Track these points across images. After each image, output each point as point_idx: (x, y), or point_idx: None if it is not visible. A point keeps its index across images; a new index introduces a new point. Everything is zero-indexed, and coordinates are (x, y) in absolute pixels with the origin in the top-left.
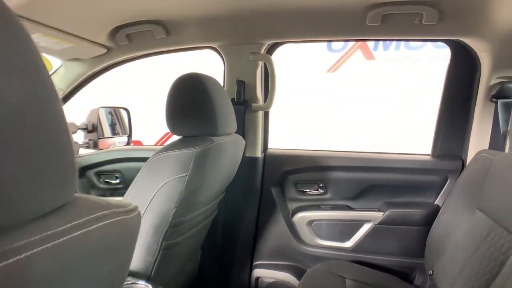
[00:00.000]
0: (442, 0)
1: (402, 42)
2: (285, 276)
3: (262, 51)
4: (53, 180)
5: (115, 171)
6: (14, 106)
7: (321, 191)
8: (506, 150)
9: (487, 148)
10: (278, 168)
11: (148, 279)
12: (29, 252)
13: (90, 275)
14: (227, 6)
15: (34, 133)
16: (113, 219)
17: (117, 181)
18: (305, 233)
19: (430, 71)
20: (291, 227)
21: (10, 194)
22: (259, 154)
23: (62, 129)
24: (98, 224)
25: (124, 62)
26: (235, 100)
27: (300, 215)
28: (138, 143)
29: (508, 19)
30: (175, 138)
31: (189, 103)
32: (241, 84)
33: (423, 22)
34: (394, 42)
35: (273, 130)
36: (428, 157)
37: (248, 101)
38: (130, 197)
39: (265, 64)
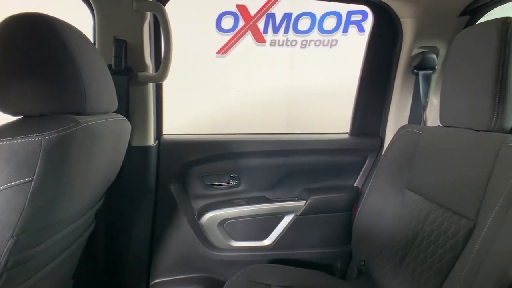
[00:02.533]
0: None
1: (291, 26)
2: None
3: None
4: None
5: None
6: None
7: (234, 183)
8: (428, 124)
9: (406, 123)
10: (178, 159)
11: None
12: None
13: None
14: None
15: None
16: None
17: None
18: (216, 236)
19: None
20: (198, 231)
21: None
22: (151, 142)
23: None
24: None
25: None
26: (112, 67)
27: (209, 215)
28: None
29: None
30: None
31: (32, 59)
32: (121, 45)
33: None
34: (283, 26)
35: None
36: (347, 136)
37: (133, 69)
38: None
39: (155, 17)
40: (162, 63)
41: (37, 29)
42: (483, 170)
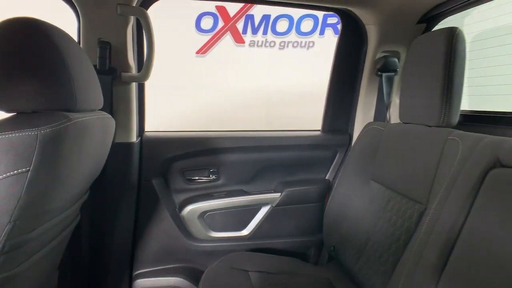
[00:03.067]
0: None
1: (269, 27)
2: (176, 282)
3: (134, 4)
4: None
5: None
6: None
7: (213, 177)
8: (392, 121)
9: (372, 121)
10: (160, 155)
11: None
12: None
13: None
14: None
15: None
16: None
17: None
18: (197, 227)
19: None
20: (179, 223)
21: None
22: (133, 138)
23: None
24: None
25: None
26: (97, 67)
27: (189, 208)
28: None
29: None
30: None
31: (25, 61)
32: (105, 46)
33: None
34: (262, 27)
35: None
36: (319, 133)
37: (117, 70)
38: None
39: (138, 21)
40: (144, 64)
41: (30, 33)
42: (432, 161)
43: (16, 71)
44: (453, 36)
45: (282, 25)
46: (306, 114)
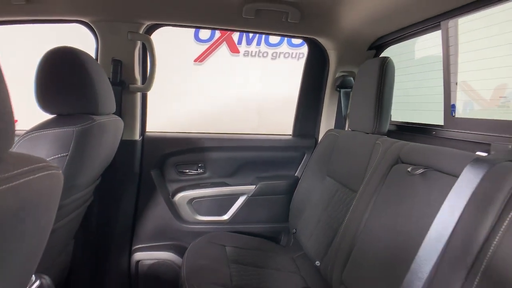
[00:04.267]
0: (303, 3)
1: (263, 39)
2: (167, 255)
3: (141, 31)
4: None
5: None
6: None
7: (201, 170)
8: (346, 128)
9: (332, 127)
10: (157, 151)
11: None
12: None
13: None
14: None
15: None
16: (42, 173)
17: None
18: (186, 211)
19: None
20: (172, 207)
21: None
22: (137, 137)
23: None
24: (30, 177)
25: None
26: (111, 80)
27: (180, 195)
28: None
29: (347, 26)
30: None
31: (65, 78)
32: (117, 64)
33: (288, 20)
34: (256, 38)
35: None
36: (290, 137)
37: (126, 82)
38: None
39: (143, 44)
40: (148, 78)
41: (67, 57)
42: (365, 160)
43: (60, 84)
44: (384, 64)
45: (275, 37)
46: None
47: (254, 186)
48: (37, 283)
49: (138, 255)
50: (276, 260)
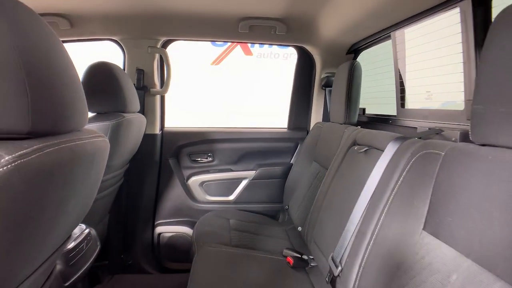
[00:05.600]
0: (288, 19)
1: None
2: (183, 229)
3: (158, 46)
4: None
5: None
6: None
7: (210, 159)
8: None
9: (321, 121)
10: (174, 142)
11: None
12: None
13: (82, 179)
14: (127, 5)
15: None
16: (99, 139)
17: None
18: (198, 192)
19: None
20: (186, 189)
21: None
22: (157, 131)
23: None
24: (91, 140)
25: None
26: (135, 85)
27: (193, 178)
28: None
29: (326, 36)
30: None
31: (102, 85)
32: (140, 72)
33: (277, 33)
34: None
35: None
36: (285, 130)
37: (147, 87)
38: None
39: (160, 56)
40: (165, 82)
41: (103, 69)
42: (336, 145)
43: (98, 89)
44: (352, 67)
45: None
46: None
47: (255, 171)
48: (87, 230)
49: (159, 229)
50: (270, 230)
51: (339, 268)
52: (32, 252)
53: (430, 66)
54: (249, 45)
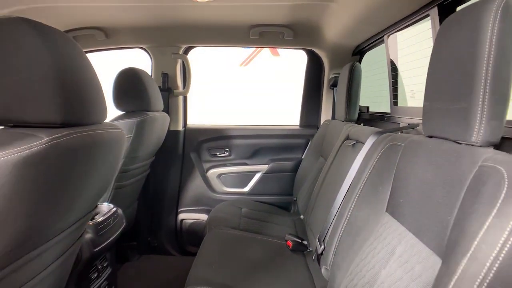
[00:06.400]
0: (293, 25)
1: None
2: (202, 217)
3: (181, 52)
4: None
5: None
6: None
7: (227, 153)
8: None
9: (330, 118)
10: (195, 138)
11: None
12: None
13: (101, 160)
14: (153, 18)
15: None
16: (116, 130)
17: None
18: (216, 184)
19: None
20: (206, 180)
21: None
22: (180, 128)
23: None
24: (108, 131)
25: None
26: (161, 87)
27: (212, 171)
28: None
29: (330, 39)
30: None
31: (130, 87)
32: (165, 76)
33: (285, 38)
34: None
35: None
36: (297, 127)
37: (171, 88)
38: None
39: (183, 61)
40: (186, 84)
41: (132, 74)
42: (336, 140)
43: (127, 91)
44: (352, 67)
45: None
46: None
47: (268, 165)
48: (115, 209)
49: (181, 216)
50: (278, 219)
51: (322, 246)
52: (63, 211)
53: (415, 67)
54: None
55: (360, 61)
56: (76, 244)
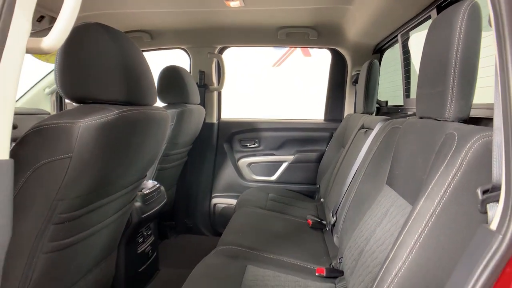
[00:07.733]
0: (317, 26)
1: None
2: (232, 201)
3: (216, 52)
4: None
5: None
6: None
7: (257, 144)
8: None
9: (353, 112)
10: (228, 130)
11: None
12: None
13: (152, 134)
14: (192, 21)
15: None
16: (163, 112)
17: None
18: (246, 172)
19: None
20: (237, 169)
21: None
22: (215, 120)
23: None
24: (157, 111)
25: None
26: (198, 84)
27: (242, 160)
28: None
29: (352, 39)
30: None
31: (172, 83)
32: (202, 73)
33: (310, 38)
34: None
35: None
36: (322, 121)
37: (207, 85)
38: None
39: (218, 60)
40: (220, 81)
41: (174, 71)
42: (357, 128)
43: (169, 86)
44: (371, 63)
45: None
46: None
47: (293, 156)
48: (158, 185)
49: (215, 200)
50: (302, 204)
51: (334, 218)
52: (124, 171)
53: None
54: None
55: (380, 59)
56: (129, 205)
